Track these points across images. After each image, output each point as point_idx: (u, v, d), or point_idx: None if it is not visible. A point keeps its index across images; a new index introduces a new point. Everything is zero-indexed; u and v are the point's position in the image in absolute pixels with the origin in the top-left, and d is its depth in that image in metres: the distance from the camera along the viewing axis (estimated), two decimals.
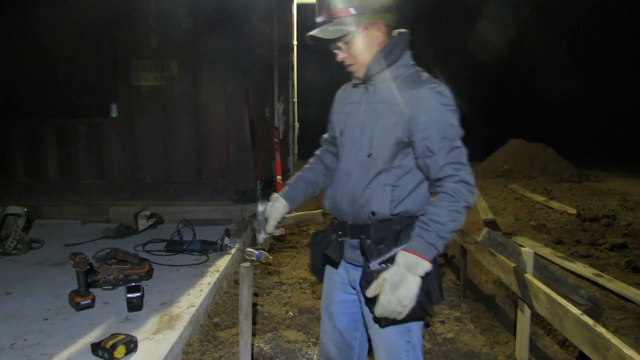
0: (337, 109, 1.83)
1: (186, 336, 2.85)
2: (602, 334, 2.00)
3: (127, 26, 5.63)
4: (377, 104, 1.63)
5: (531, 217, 7.18)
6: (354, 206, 1.65)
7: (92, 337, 2.64)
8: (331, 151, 1.92)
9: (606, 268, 4.56)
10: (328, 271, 1.88)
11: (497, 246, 3.51)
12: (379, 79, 1.64)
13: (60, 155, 5.87)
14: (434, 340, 3.06)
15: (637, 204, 7.94)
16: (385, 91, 1.62)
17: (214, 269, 3.92)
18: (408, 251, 1.46)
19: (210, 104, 5.77)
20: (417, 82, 1.58)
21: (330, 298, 1.87)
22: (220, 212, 5.61)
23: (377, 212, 1.60)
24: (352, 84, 1.79)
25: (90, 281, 3.21)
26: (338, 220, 1.76)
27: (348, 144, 1.72)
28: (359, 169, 1.66)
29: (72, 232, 5.11)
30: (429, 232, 1.47)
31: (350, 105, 1.75)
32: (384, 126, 1.60)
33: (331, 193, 1.78)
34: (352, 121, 1.71)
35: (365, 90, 1.69)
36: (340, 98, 1.84)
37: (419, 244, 1.47)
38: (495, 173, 12.63)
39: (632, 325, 3.30)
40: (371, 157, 1.62)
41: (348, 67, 1.67)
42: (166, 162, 5.85)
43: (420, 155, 1.56)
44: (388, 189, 1.60)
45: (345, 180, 1.69)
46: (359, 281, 1.67)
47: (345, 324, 1.84)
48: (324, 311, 1.90)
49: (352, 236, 1.70)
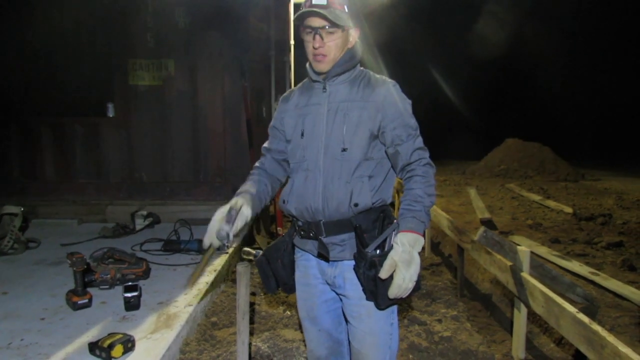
0: (287, 114, 1.83)
1: (183, 335, 2.85)
2: (598, 332, 2.01)
3: (124, 25, 5.62)
4: (342, 102, 1.71)
5: (528, 216, 7.20)
6: (332, 202, 1.67)
7: (90, 336, 2.63)
8: (277, 159, 1.90)
9: (602, 266, 4.57)
10: (301, 279, 1.85)
11: (493, 245, 3.52)
12: (337, 80, 1.73)
13: (56, 155, 5.85)
14: (431, 339, 3.07)
15: (633, 203, 7.98)
16: (348, 91, 1.72)
17: (211, 268, 3.92)
18: (407, 231, 1.55)
19: (207, 104, 5.76)
20: (378, 80, 1.74)
21: (309, 304, 1.85)
22: None
23: (359, 203, 1.66)
24: (301, 89, 1.84)
25: (87, 281, 3.21)
26: (307, 222, 1.74)
27: (313, 143, 1.72)
28: (333, 165, 1.68)
29: (69, 232, 5.10)
30: (419, 212, 1.59)
31: (308, 107, 1.76)
32: (355, 122, 1.68)
33: (297, 195, 1.74)
34: (314, 121, 1.73)
35: (323, 91, 1.74)
36: (290, 104, 1.84)
37: (413, 223, 1.57)
38: (492, 172, 12.68)
39: (627, 324, 3.31)
40: (346, 152, 1.67)
41: (318, 58, 1.68)
42: (163, 161, 5.84)
43: (391, 144, 1.68)
44: (366, 179, 1.68)
45: (317, 179, 1.70)
46: (338, 276, 1.74)
47: (330, 322, 1.85)
48: (305, 320, 1.88)
49: (329, 233, 1.70)
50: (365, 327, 1.73)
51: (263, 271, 1.83)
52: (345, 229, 1.69)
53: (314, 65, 1.71)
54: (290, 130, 1.80)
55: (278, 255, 1.83)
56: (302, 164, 1.75)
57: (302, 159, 1.75)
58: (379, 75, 1.77)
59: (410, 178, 1.67)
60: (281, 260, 1.83)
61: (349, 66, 1.72)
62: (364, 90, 1.70)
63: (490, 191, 9.89)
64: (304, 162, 1.74)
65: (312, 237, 1.74)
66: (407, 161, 1.67)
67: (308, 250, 1.80)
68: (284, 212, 1.84)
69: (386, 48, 16.44)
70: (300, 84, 1.88)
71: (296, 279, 1.87)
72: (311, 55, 1.69)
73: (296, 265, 1.87)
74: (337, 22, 1.61)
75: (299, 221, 1.78)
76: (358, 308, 1.71)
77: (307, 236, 1.76)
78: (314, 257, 1.79)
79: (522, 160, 12.85)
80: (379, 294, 1.56)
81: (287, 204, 1.78)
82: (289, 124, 1.81)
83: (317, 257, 1.76)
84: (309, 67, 1.78)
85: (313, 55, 1.68)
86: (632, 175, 12.29)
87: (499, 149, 13.77)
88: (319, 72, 1.72)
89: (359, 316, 1.72)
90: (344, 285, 1.74)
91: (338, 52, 1.69)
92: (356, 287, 1.68)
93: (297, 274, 1.87)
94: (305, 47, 1.72)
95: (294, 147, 1.78)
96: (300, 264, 1.85)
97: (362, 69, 1.79)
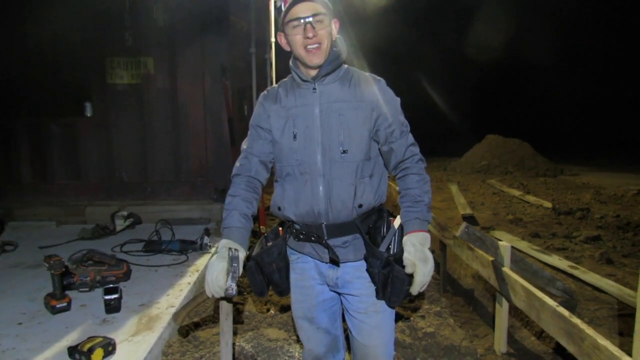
0: (274, 114, 1.74)
1: (166, 337, 2.82)
2: (578, 325, 2.04)
3: (101, 23, 5.51)
4: (335, 103, 1.67)
5: (508, 212, 7.30)
6: (337, 205, 1.66)
7: (69, 340, 2.59)
8: (262, 160, 1.80)
9: (581, 260, 4.66)
10: (298, 281, 1.83)
11: (475, 241, 3.56)
12: (326, 80, 1.69)
13: (33, 155, 5.72)
14: (414, 335, 3.08)
15: (610, 198, 8.13)
16: (339, 90, 1.69)
17: (193, 268, 3.88)
18: (416, 231, 1.64)
19: (188, 102, 5.69)
20: (367, 78, 1.73)
21: (307, 305, 1.83)
22: (199, 211, 5.56)
23: (364, 204, 1.68)
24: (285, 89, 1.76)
25: (66, 284, 3.15)
26: (307, 225, 1.72)
27: (308, 146, 1.68)
28: (333, 168, 1.66)
29: (47, 234, 5.00)
30: (421, 211, 1.66)
31: (297, 108, 1.70)
32: (351, 123, 1.66)
33: (296, 200, 1.71)
34: (306, 123, 1.68)
35: (313, 92, 1.69)
36: (275, 103, 1.75)
37: (419, 223, 1.65)
38: (473, 168, 12.81)
39: (606, 316, 3.38)
40: (347, 154, 1.66)
41: (312, 50, 1.62)
42: (143, 161, 5.75)
43: (385, 141, 1.70)
44: (367, 179, 1.70)
45: (317, 182, 1.67)
46: (341, 277, 1.75)
47: (327, 320, 1.86)
48: (303, 320, 1.87)
49: (331, 236, 1.69)
50: (373, 322, 1.76)
51: (253, 277, 1.77)
52: (348, 230, 1.70)
53: (308, 59, 1.63)
54: (279, 132, 1.73)
55: (272, 259, 1.78)
56: (297, 167, 1.70)
57: (297, 163, 1.69)
58: (367, 73, 1.76)
59: (405, 176, 1.72)
60: (276, 264, 1.79)
61: (336, 65, 1.69)
62: (356, 89, 1.69)
63: (472, 187, 9.99)
64: (300, 166, 1.69)
65: (314, 240, 1.72)
66: (402, 158, 1.71)
67: (307, 253, 1.77)
68: (280, 218, 1.81)
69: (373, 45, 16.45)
70: (281, 84, 1.80)
71: (292, 282, 1.85)
72: (302, 49, 1.62)
73: (292, 268, 1.84)
74: (326, 8, 1.60)
75: (296, 224, 1.76)
76: (365, 305, 1.74)
77: (308, 239, 1.73)
78: (312, 259, 1.77)
79: (503, 156, 13.00)
80: (393, 291, 1.63)
81: (285, 210, 1.74)
82: (276, 125, 1.74)
83: (325, 262, 1.74)
84: (294, 67, 1.73)
85: (305, 49, 1.62)
86: (609, 170, 12.52)
87: (480, 145, 13.91)
88: (313, 66, 1.65)
89: (366, 312, 1.75)
90: (348, 285, 1.75)
91: (329, 43, 1.64)
92: (364, 285, 1.72)
93: (293, 276, 1.84)
94: (292, 44, 1.65)
95: (285, 151, 1.72)
96: (297, 267, 1.82)
97: (347, 66, 1.76)
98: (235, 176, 1.82)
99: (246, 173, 1.80)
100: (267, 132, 1.77)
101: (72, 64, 5.55)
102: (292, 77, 1.76)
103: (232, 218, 1.72)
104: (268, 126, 1.76)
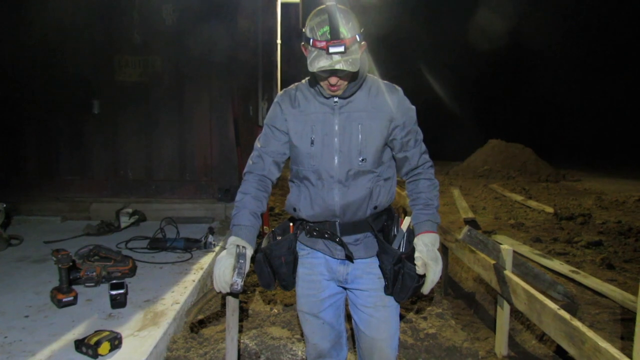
0: (292, 117, 1.76)
1: (170, 333, 2.85)
2: (579, 327, 2.07)
3: (110, 21, 5.56)
4: (355, 112, 1.72)
5: (510, 216, 7.32)
6: (353, 206, 1.73)
7: (75, 334, 2.62)
8: (276, 160, 1.83)
9: (582, 265, 4.69)
10: (305, 276, 1.87)
11: (477, 244, 3.58)
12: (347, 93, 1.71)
13: (40, 151, 5.77)
14: (416, 336, 3.11)
15: (612, 203, 8.15)
16: (361, 100, 1.73)
17: (198, 266, 3.92)
18: (427, 232, 1.72)
19: (194, 101, 5.73)
20: (387, 88, 1.77)
21: (314, 300, 1.87)
22: (203, 210, 5.59)
23: (379, 205, 1.77)
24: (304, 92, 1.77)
25: (72, 278, 3.19)
26: (320, 222, 1.78)
27: (326, 151, 1.71)
28: (350, 174, 1.71)
29: (52, 229, 5.04)
30: (432, 214, 1.77)
31: (316, 114, 1.73)
32: (370, 131, 1.71)
33: (312, 203, 1.75)
34: (324, 129, 1.71)
35: (334, 102, 1.72)
36: (294, 106, 1.77)
37: (430, 225, 1.74)
38: (475, 173, 12.84)
39: (607, 320, 3.40)
40: (365, 162, 1.72)
41: (332, 89, 1.64)
42: (149, 159, 5.80)
43: (400, 149, 1.79)
44: (382, 182, 1.78)
45: (334, 186, 1.72)
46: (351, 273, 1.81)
47: (332, 315, 1.91)
48: (308, 315, 1.90)
49: (345, 233, 1.77)
50: (381, 316, 1.81)
51: (261, 269, 1.81)
52: (361, 229, 1.78)
53: (328, 92, 1.68)
54: (297, 136, 1.76)
55: (281, 253, 1.80)
56: (313, 172, 1.74)
57: (313, 168, 1.73)
58: (387, 83, 1.80)
59: (417, 181, 1.82)
60: (284, 257, 1.81)
61: (358, 86, 1.72)
62: (375, 99, 1.73)
63: (474, 191, 10.02)
64: (317, 172, 1.73)
65: (327, 237, 1.78)
66: (415, 165, 1.81)
67: (318, 249, 1.83)
68: (295, 217, 1.85)
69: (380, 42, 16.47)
70: (299, 87, 1.81)
71: (299, 276, 1.89)
72: (325, 85, 1.66)
73: (300, 263, 1.88)
74: (355, 70, 1.54)
75: (309, 222, 1.80)
76: (374, 299, 1.81)
77: (321, 236, 1.79)
78: (323, 255, 1.83)
79: (505, 161, 13.05)
80: (403, 287, 1.71)
81: (300, 212, 1.79)
82: (294, 129, 1.76)
83: (337, 258, 1.80)
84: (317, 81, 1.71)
85: (327, 86, 1.65)
86: (611, 176, 12.55)
87: (482, 150, 13.95)
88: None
89: (375, 306, 1.81)
90: (357, 280, 1.82)
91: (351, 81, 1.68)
92: (373, 281, 1.80)
93: (300, 271, 1.88)
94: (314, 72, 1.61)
95: (302, 155, 1.75)
96: (306, 261, 1.87)
97: (369, 75, 1.78)
98: (247, 173, 1.85)
99: (259, 172, 1.83)
100: (283, 134, 1.80)
101: (80, 61, 5.58)
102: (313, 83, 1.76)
103: (242, 216, 1.75)
104: (285, 129, 1.79)
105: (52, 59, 5.57)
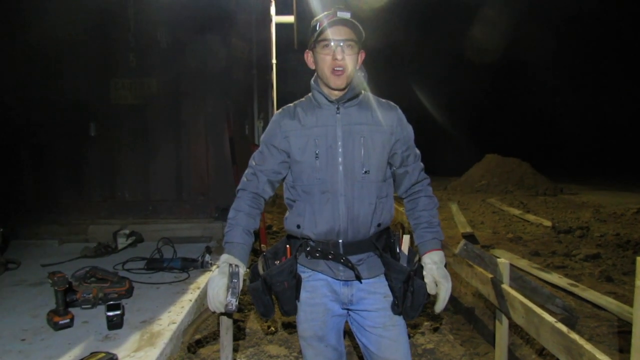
0: (293, 134, 1.75)
1: (167, 353, 2.83)
2: (576, 340, 2.06)
3: (106, 45, 5.64)
4: (357, 125, 1.72)
5: (508, 230, 7.32)
6: (357, 223, 1.70)
7: (71, 356, 2.60)
8: (271, 179, 1.81)
9: (580, 278, 4.67)
10: (308, 299, 1.79)
11: (474, 258, 3.58)
12: (348, 103, 1.74)
13: (36, 174, 5.78)
14: (414, 351, 3.09)
15: (609, 216, 8.16)
16: (358, 113, 1.75)
17: (194, 286, 3.90)
18: (434, 250, 1.76)
19: (190, 122, 5.78)
20: (385, 104, 1.81)
21: (317, 323, 1.79)
22: (200, 230, 5.59)
23: (382, 223, 1.76)
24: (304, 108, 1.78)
25: (69, 300, 3.17)
26: (322, 242, 1.73)
27: (330, 165, 1.70)
28: (354, 188, 1.70)
29: (50, 252, 5.03)
30: (437, 232, 1.81)
31: (318, 128, 1.73)
32: (372, 145, 1.72)
33: (317, 219, 1.72)
34: (327, 143, 1.71)
35: (336, 113, 1.73)
36: (295, 122, 1.76)
37: (435, 243, 1.78)
38: (473, 188, 12.86)
39: (606, 333, 3.39)
40: (368, 174, 1.72)
41: (337, 72, 1.66)
42: (145, 180, 5.82)
43: (400, 165, 1.81)
44: (384, 200, 1.77)
45: (339, 201, 1.70)
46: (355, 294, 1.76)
47: (335, 337, 1.84)
48: (312, 339, 1.81)
49: (348, 254, 1.71)
50: (392, 335, 1.75)
51: (259, 298, 1.72)
52: (364, 249, 1.74)
53: (332, 80, 1.68)
54: (299, 151, 1.73)
55: (283, 278, 1.72)
56: (318, 186, 1.71)
57: (318, 182, 1.71)
58: (383, 99, 1.83)
59: (418, 198, 1.85)
60: (287, 282, 1.73)
61: (358, 91, 1.75)
62: (375, 113, 1.76)
63: (472, 206, 10.03)
64: (322, 185, 1.71)
65: (331, 258, 1.72)
66: (415, 181, 1.84)
67: (320, 270, 1.76)
68: (296, 236, 1.79)
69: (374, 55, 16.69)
70: (298, 104, 1.82)
71: (302, 300, 1.80)
72: (329, 69, 1.67)
73: (302, 286, 1.79)
74: (361, 36, 1.67)
75: (311, 242, 1.75)
76: (383, 319, 1.75)
77: (324, 257, 1.73)
78: (325, 276, 1.76)
79: (502, 175, 13.07)
80: (413, 305, 1.69)
81: (304, 228, 1.74)
82: (296, 145, 1.74)
83: (340, 279, 1.74)
84: (317, 87, 1.75)
85: (332, 70, 1.66)
86: (608, 189, 12.58)
87: (479, 164, 13.99)
88: (335, 89, 1.70)
89: (384, 326, 1.74)
90: (363, 301, 1.76)
91: (353, 70, 1.70)
92: (379, 300, 1.75)
93: (303, 295, 1.79)
94: (319, 63, 1.70)
95: (306, 170, 1.73)
96: (308, 285, 1.78)
97: (367, 92, 1.82)
98: (241, 191, 1.84)
99: (253, 189, 1.82)
100: (280, 153, 1.77)
101: (77, 84, 5.64)
102: (312, 98, 1.79)
103: (235, 234, 1.75)
104: (284, 147, 1.77)
105: (49, 83, 5.62)
